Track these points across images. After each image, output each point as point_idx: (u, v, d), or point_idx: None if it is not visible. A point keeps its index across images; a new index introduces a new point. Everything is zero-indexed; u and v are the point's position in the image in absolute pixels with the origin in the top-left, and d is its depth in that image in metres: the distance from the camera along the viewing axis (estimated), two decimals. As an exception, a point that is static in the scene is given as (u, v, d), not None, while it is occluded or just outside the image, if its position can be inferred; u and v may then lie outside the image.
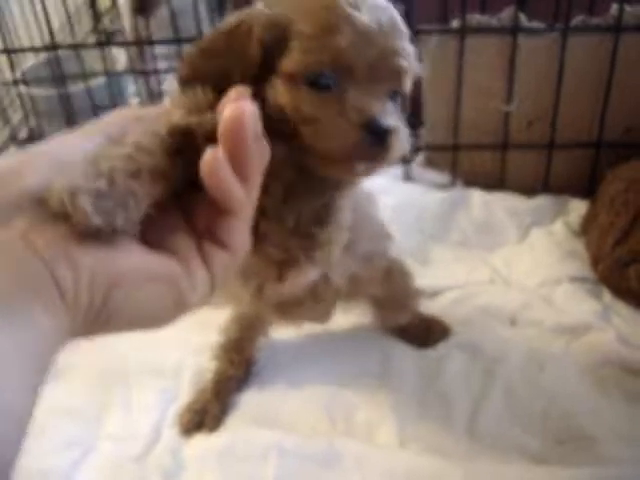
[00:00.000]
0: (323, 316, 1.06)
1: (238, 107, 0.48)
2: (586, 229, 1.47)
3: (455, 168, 1.62)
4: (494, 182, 1.62)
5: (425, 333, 1.24)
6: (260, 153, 0.52)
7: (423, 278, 1.25)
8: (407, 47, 0.63)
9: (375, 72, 0.61)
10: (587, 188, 1.55)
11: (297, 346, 1.26)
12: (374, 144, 0.59)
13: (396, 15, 0.63)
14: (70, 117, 1.71)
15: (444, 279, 1.38)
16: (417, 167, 1.71)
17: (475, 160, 1.62)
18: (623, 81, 1.45)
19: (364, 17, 0.59)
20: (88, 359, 1.25)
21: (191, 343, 1.26)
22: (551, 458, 1.03)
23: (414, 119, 1.73)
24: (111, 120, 0.54)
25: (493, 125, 1.56)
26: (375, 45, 0.60)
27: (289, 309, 0.92)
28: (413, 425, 1.10)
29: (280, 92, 0.60)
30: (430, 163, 1.71)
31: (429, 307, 1.30)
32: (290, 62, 0.60)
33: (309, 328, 1.22)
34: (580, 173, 1.58)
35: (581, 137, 1.54)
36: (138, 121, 0.54)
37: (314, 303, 0.91)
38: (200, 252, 0.52)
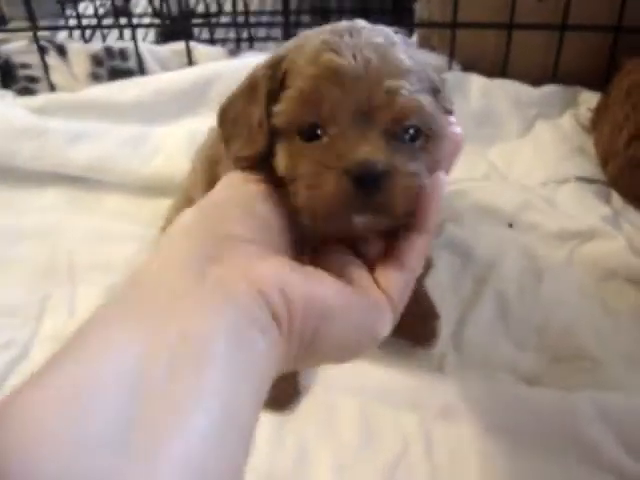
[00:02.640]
0: None
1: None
2: (596, 124, 1.37)
3: (453, 49, 1.51)
4: (496, 67, 1.51)
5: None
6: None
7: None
8: (405, 84, 0.58)
9: (366, 115, 0.58)
10: (602, 79, 1.44)
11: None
12: (366, 191, 0.55)
13: (394, 52, 0.60)
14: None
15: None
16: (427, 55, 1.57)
17: (476, 41, 1.51)
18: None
19: (344, 61, 0.58)
20: (30, 252, 1.19)
21: (142, 237, 1.20)
22: (545, 377, 0.96)
23: (405, 6, 1.61)
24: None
25: (498, 1, 1.43)
26: (359, 88, 0.57)
27: None
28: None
29: (279, 153, 0.61)
30: (424, 42, 1.59)
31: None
32: (277, 118, 0.60)
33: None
34: (595, 61, 1.47)
35: (599, 19, 1.42)
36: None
37: None
38: (379, 282, 0.57)
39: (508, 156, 1.37)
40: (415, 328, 0.99)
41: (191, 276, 0.48)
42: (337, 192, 0.55)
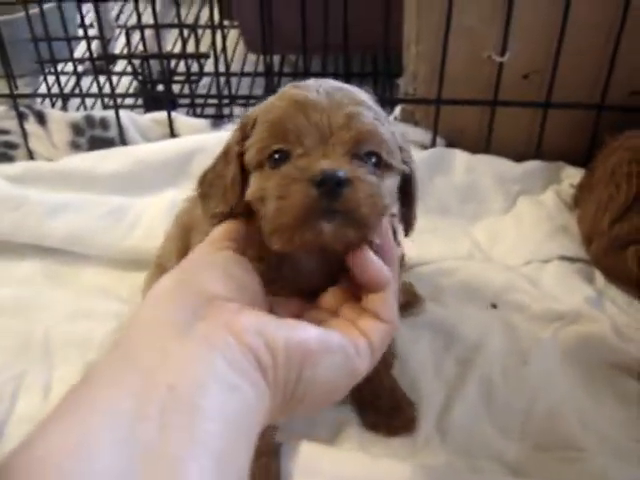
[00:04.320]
0: None
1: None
2: (579, 201, 1.40)
3: (437, 125, 1.53)
4: (480, 143, 1.54)
5: None
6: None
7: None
8: (364, 110, 0.67)
9: (328, 137, 0.64)
10: (584, 155, 1.47)
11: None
12: (328, 197, 0.61)
13: (356, 93, 0.69)
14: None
15: (418, 252, 1.29)
16: (393, 122, 1.59)
17: (460, 117, 1.53)
18: (634, 36, 1.36)
19: (308, 94, 0.66)
20: (5, 326, 1.19)
21: (120, 313, 1.19)
22: (529, 468, 0.96)
23: (391, 66, 1.64)
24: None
25: (483, 78, 1.47)
26: (322, 113, 0.65)
27: None
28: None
29: (251, 184, 0.68)
30: (408, 118, 1.61)
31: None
32: (248, 153, 0.68)
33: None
34: (577, 137, 1.50)
35: (581, 97, 1.46)
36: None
37: None
38: (356, 326, 0.62)
39: (491, 233, 1.38)
40: (393, 420, 1.01)
41: (178, 333, 0.51)
42: (303, 199, 0.61)
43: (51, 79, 1.87)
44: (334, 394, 0.60)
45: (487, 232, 1.39)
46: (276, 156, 0.65)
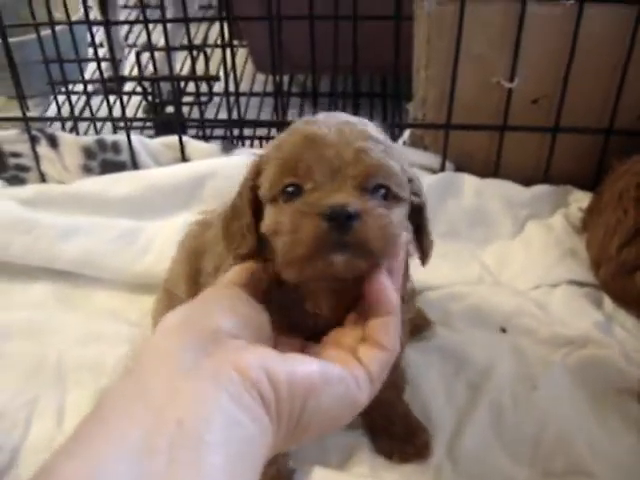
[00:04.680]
0: None
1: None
2: (588, 225, 1.40)
3: (446, 150, 1.54)
4: (489, 167, 1.55)
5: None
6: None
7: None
8: (373, 145, 0.69)
9: (338, 172, 0.67)
10: (592, 179, 1.48)
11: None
12: (339, 231, 0.63)
13: (367, 128, 0.71)
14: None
15: (427, 276, 1.29)
16: (402, 147, 1.61)
17: (469, 142, 1.54)
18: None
19: (319, 130, 0.69)
20: (18, 350, 1.20)
21: (132, 337, 1.20)
22: (542, 495, 0.96)
23: (401, 91, 1.65)
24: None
25: (492, 103, 1.48)
26: (332, 148, 0.67)
27: None
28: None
29: (265, 217, 0.71)
30: (417, 143, 1.62)
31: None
32: (262, 188, 0.71)
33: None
34: (585, 162, 1.51)
35: (589, 121, 1.46)
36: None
37: None
38: (355, 356, 0.63)
39: (500, 257, 1.39)
40: (407, 446, 1.02)
41: (187, 369, 0.53)
42: (314, 233, 0.63)
43: (61, 99, 1.89)
44: (337, 423, 0.62)
45: (496, 256, 1.40)
46: (290, 189, 0.68)
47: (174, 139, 1.61)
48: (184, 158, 1.60)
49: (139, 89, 1.97)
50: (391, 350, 0.65)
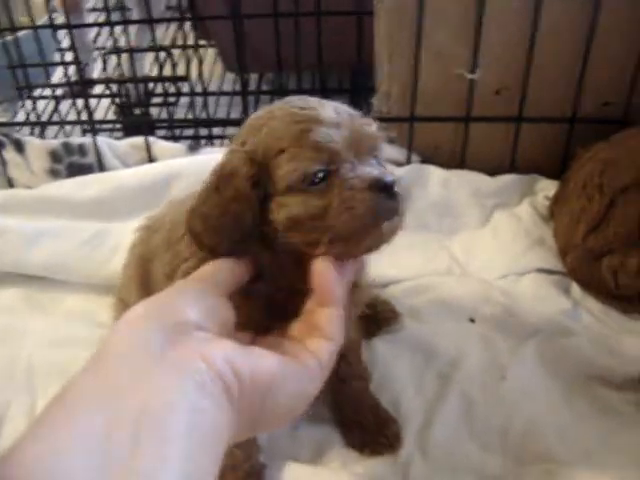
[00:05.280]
0: None
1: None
2: (554, 214, 1.41)
3: (411, 143, 1.54)
4: (455, 159, 1.55)
5: (372, 319, 1.17)
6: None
7: (373, 267, 1.17)
8: (366, 120, 0.75)
9: (356, 148, 0.71)
10: (558, 168, 1.49)
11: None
12: (389, 199, 0.69)
13: (343, 105, 0.76)
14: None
15: (397, 268, 1.30)
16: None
17: (434, 134, 1.55)
18: (603, 49, 1.38)
19: (327, 112, 0.72)
20: None
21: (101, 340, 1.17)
22: (512, 482, 0.97)
23: (364, 86, 1.65)
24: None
25: (455, 95, 1.48)
26: (346, 127, 0.71)
27: None
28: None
29: (286, 207, 0.71)
30: (391, 138, 1.60)
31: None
32: (284, 177, 0.70)
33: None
34: (551, 151, 1.52)
35: (554, 110, 1.47)
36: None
37: None
38: (305, 346, 0.65)
39: (468, 248, 1.39)
40: (378, 439, 1.02)
41: (151, 357, 0.53)
42: (373, 205, 0.69)
43: (30, 104, 1.89)
44: (292, 415, 0.63)
45: (464, 247, 1.40)
46: (320, 175, 0.70)
47: (141, 140, 1.60)
48: (151, 159, 1.59)
49: (107, 92, 1.96)
50: (336, 341, 0.66)
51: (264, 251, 0.74)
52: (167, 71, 1.87)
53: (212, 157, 0.81)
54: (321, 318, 0.67)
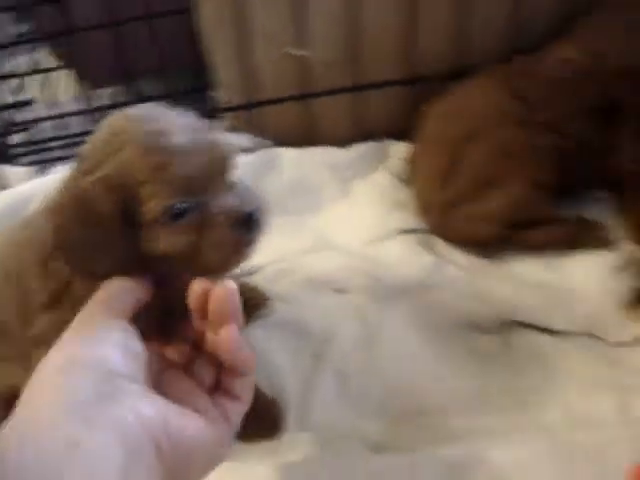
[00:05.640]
0: None
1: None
2: (411, 175, 1.42)
3: (261, 128, 1.54)
4: (306, 137, 1.55)
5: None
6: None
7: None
8: (222, 139, 0.77)
9: (215, 171, 0.74)
10: (409, 129, 1.48)
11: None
12: (252, 229, 0.75)
13: (194, 121, 0.77)
14: None
15: (261, 254, 1.29)
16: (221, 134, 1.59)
17: (281, 116, 1.54)
18: (431, 9, 1.40)
19: (180, 139, 0.71)
20: None
21: None
22: (391, 443, 0.97)
23: (204, 80, 1.63)
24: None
25: (292, 75, 1.48)
26: (201, 152, 0.72)
27: None
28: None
29: (156, 241, 0.72)
30: (233, 127, 1.60)
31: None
32: (148, 211, 0.70)
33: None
34: (397, 114, 1.53)
35: (393, 74, 1.48)
36: None
37: None
38: (217, 407, 0.65)
39: (331, 221, 1.39)
40: (261, 424, 1.00)
41: (82, 420, 0.52)
42: (237, 241, 0.73)
43: None
44: (204, 474, 0.63)
45: (327, 222, 1.40)
46: (183, 207, 0.71)
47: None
48: (3, 186, 1.55)
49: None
50: (247, 403, 0.69)
51: (146, 269, 0.73)
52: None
53: (63, 175, 0.78)
54: (237, 385, 0.67)
